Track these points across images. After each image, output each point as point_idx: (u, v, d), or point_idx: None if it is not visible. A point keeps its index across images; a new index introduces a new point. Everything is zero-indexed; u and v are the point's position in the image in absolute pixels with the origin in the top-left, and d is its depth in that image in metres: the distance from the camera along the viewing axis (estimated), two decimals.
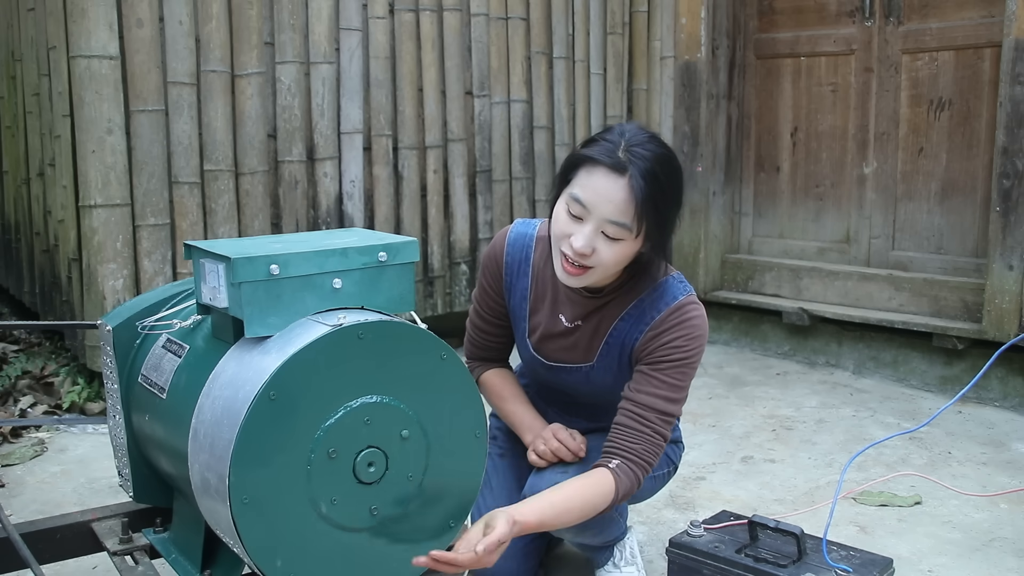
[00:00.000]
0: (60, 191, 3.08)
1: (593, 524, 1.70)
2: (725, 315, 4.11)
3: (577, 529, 1.72)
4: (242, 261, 1.34)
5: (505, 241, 1.85)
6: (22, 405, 3.11)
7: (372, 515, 1.38)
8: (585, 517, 1.62)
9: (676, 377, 1.69)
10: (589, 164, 1.59)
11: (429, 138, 3.57)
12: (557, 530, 1.73)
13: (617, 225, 1.57)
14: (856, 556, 1.82)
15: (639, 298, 1.72)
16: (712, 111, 4.03)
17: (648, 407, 1.67)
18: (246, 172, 3.13)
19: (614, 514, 1.79)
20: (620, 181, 1.55)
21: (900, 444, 2.83)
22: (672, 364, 1.68)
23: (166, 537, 1.67)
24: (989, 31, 3.33)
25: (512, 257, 1.84)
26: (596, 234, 1.58)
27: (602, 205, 1.56)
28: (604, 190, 1.56)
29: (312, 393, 1.31)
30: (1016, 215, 3.11)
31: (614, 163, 1.56)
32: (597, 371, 1.79)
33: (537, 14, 3.80)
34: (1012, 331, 3.11)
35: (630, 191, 1.55)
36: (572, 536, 1.82)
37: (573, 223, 1.60)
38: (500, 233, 1.88)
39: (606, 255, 1.60)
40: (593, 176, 1.57)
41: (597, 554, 1.97)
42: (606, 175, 1.56)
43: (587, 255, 1.59)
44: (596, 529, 1.79)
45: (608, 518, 1.76)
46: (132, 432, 1.65)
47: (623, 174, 1.55)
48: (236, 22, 3.06)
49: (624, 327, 1.73)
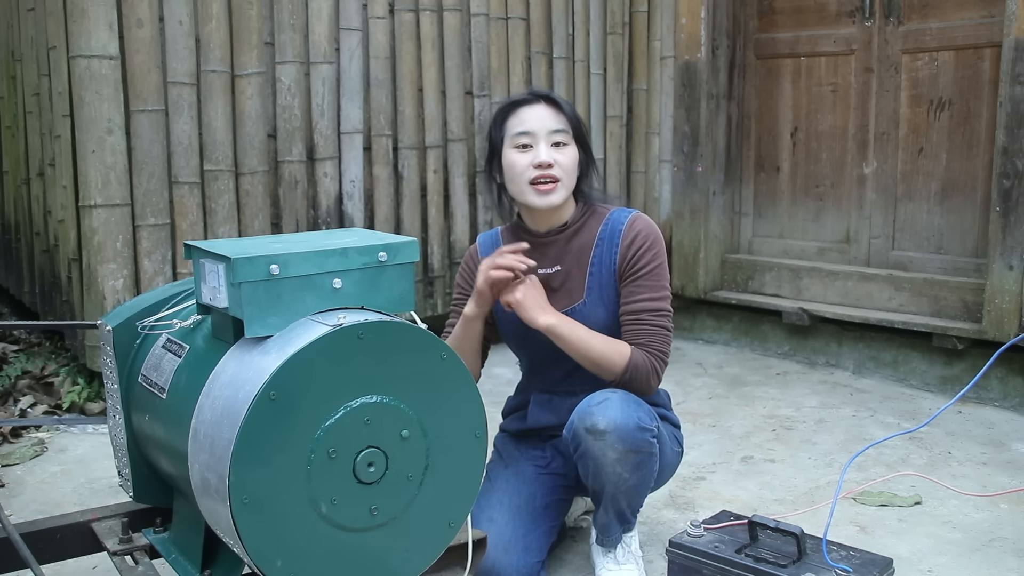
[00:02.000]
0: (60, 191, 3.08)
1: (637, 456, 1.82)
2: (725, 315, 4.11)
3: (620, 455, 1.81)
4: (242, 261, 1.34)
5: (476, 245, 2.13)
6: (22, 405, 3.11)
7: (372, 515, 1.38)
8: (594, 361, 1.89)
9: (652, 279, 1.95)
10: (511, 110, 1.97)
11: (429, 138, 3.57)
12: (597, 462, 1.82)
13: (558, 131, 1.93)
14: (856, 556, 1.82)
15: (603, 223, 2.00)
16: (712, 111, 4.03)
17: (640, 311, 1.94)
18: (246, 172, 3.13)
19: (654, 451, 1.86)
20: (539, 104, 1.96)
21: (900, 444, 2.83)
22: (646, 271, 1.95)
23: (166, 537, 1.67)
24: (989, 31, 3.33)
25: (486, 253, 2.05)
26: (549, 147, 1.92)
27: (541, 122, 1.93)
28: (535, 114, 1.94)
29: (312, 393, 1.31)
30: (1016, 215, 3.11)
31: (530, 97, 1.98)
32: (589, 306, 1.98)
33: (537, 14, 3.80)
34: (1012, 331, 3.11)
35: (553, 105, 1.96)
36: (612, 465, 1.83)
37: (527, 153, 1.93)
38: (470, 247, 2.15)
39: (563, 159, 1.93)
40: (521, 114, 1.95)
41: (601, 544, 1.99)
42: (530, 107, 1.96)
43: (551, 164, 1.91)
44: (637, 462, 1.83)
45: (649, 453, 1.85)
46: (132, 432, 1.65)
47: (539, 100, 1.97)
48: (236, 22, 3.06)
49: (600, 252, 1.98)
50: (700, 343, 4.14)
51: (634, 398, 1.86)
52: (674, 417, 2.12)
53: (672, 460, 2.05)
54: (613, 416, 1.79)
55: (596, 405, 1.82)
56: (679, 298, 3.99)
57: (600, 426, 1.79)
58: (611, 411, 1.80)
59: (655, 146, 4.19)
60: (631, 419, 1.80)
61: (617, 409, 1.80)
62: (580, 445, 1.84)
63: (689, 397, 3.36)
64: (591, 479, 1.89)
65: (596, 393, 1.87)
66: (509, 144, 1.95)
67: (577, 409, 1.86)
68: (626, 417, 1.80)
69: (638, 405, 1.84)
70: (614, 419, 1.79)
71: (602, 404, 1.82)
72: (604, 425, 1.79)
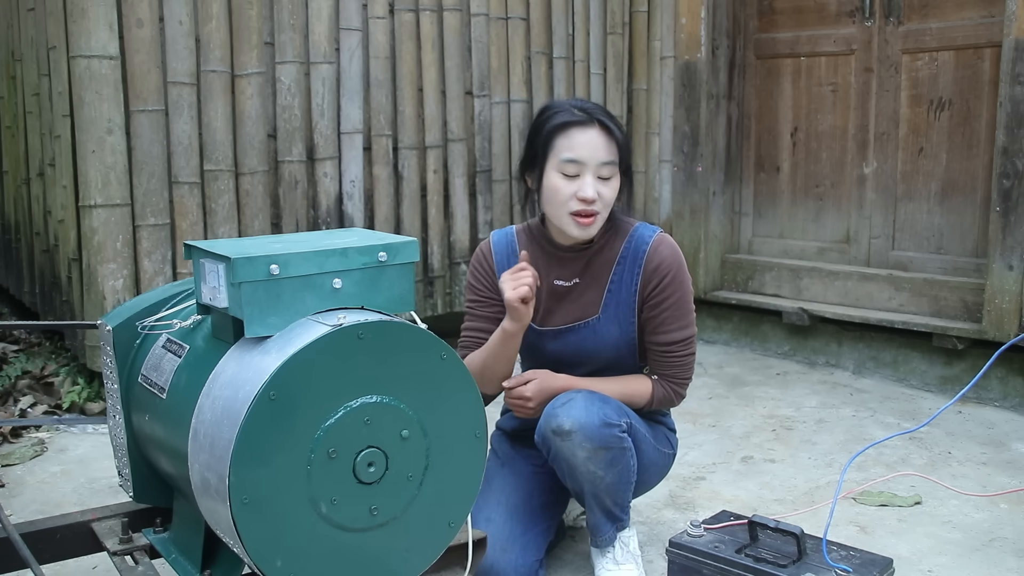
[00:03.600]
0: (60, 191, 3.08)
1: (608, 453, 1.81)
2: (725, 315, 4.11)
3: (589, 454, 1.80)
4: (242, 261, 1.34)
5: (490, 243, 2.06)
6: (22, 405, 3.11)
7: (372, 515, 1.38)
8: (619, 398, 1.89)
9: (679, 308, 1.93)
10: (562, 130, 1.84)
11: (429, 138, 3.57)
12: (569, 463, 1.82)
13: (609, 164, 1.84)
14: (856, 556, 1.82)
15: (626, 240, 1.95)
16: (712, 111, 4.03)
17: (670, 343, 1.94)
18: (246, 172, 3.13)
19: (626, 446, 1.84)
20: (593, 130, 1.84)
21: (900, 444, 2.83)
22: (673, 301, 1.92)
23: (166, 537, 1.67)
24: (989, 31, 3.33)
25: (500, 255, 2.03)
26: (595, 180, 1.83)
27: (593, 152, 1.83)
28: (588, 142, 1.83)
29: (312, 393, 1.31)
30: (1016, 215, 3.11)
31: (583, 118, 1.84)
32: (603, 322, 1.95)
33: (537, 14, 3.80)
34: (1012, 331, 3.11)
35: (606, 132, 1.84)
36: (583, 464, 1.82)
37: (572, 182, 1.84)
38: (481, 243, 2.07)
39: (607, 194, 1.86)
40: (572, 136, 1.83)
41: (597, 542, 1.98)
42: (582, 130, 1.83)
43: (595, 200, 1.83)
44: (608, 458, 1.82)
45: (621, 448, 1.83)
46: (132, 432, 1.65)
47: (593, 124, 1.84)
48: (236, 22, 3.06)
49: (621, 271, 1.94)
50: (700, 343, 4.13)
51: (600, 396, 1.85)
52: (669, 421, 2.13)
53: (660, 461, 2.04)
54: (577, 416, 1.79)
55: (561, 406, 1.82)
56: None
57: (565, 426, 1.79)
58: (575, 411, 1.80)
59: (655, 146, 4.19)
60: (595, 417, 1.79)
61: (581, 408, 1.80)
62: (550, 448, 1.84)
63: (689, 397, 3.33)
64: (568, 480, 1.89)
65: (562, 394, 1.86)
66: (554, 166, 1.85)
67: (544, 412, 1.86)
68: (589, 415, 1.79)
69: (604, 402, 1.83)
70: (578, 418, 1.79)
71: (566, 405, 1.82)
72: (569, 425, 1.79)
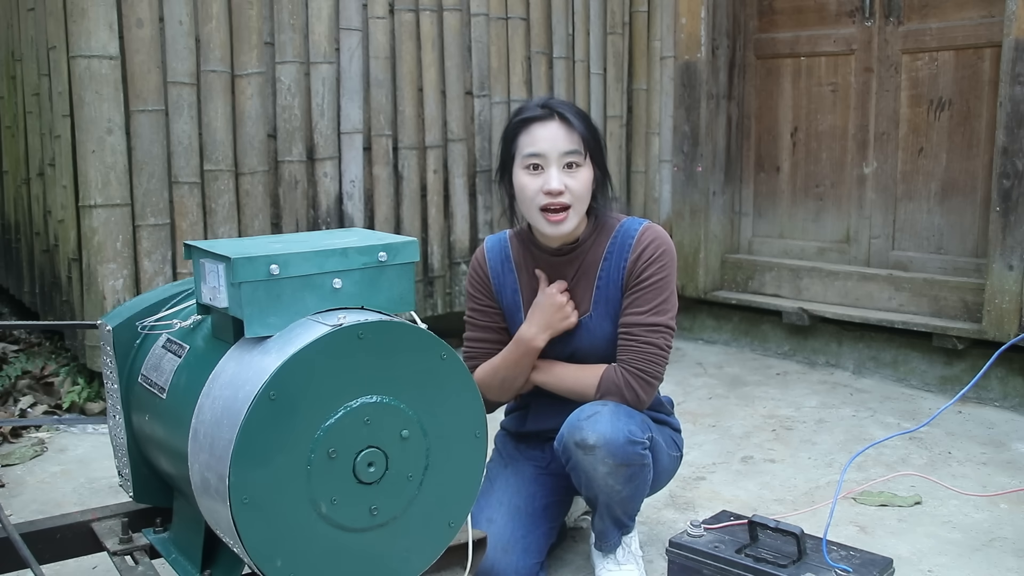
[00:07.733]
0: (60, 191, 3.08)
1: (629, 469, 1.80)
2: (725, 315, 4.11)
3: (611, 469, 1.79)
4: (242, 261, 1.34)
5: (484, 250, 2.06)
6: (22, 405, 3.11)
7: (372, 515, 1.38)
8: (569, 388, 1.92)
9: (654, 292, 1.89)
10: (523, 127, 1.87)
11: (429, 138, 3.57)
12: (588, 475, 1.81)
13: (572, 153, 1.84)
14: (856, 556, 1.82)
15: (612, 236, 1.94)
16: (712, 111, 4.03)
17: (634, 324, 1.89)
18: (246, 172, 3.13)
19: (646, 463, 1.84)
20: (554, 122, 1.85)
21: (900, 444, 2.83)
22: (648, 283, 1.89)
23: (166, 537, 1.67)
24: (989, 31, 3.33)
25: (494, 261, 2.03)
26: (560, 171, 1.84)
27: (553, 144, 1.84)
28: (548, 134, 1.84)
29: (312, 393, 1.31)
30: (1016, 215, 3.11)
31: (543, 113, 1.86)
32: (596, 320, 1.95)
33: (537, 14, 3.80)
34: (1012, 331, 3.11)
35: (566, 124, 1.85)
36: (603, 478, 1.82)
37: (537, 177, 1.85)
38: (476, 251, 2.08)
39: (575, 185, 1.85)
40: (533, 132, 1.86)
41: (601, 546, 1.98)
42: (542, 125, 1.85)
43: (562, 191, 1.83)
44: (628, 474, 1.82)
45: (641, 464, 1.83)
46: (132, 432, 1.65)
47: (553, 117, 1.86)
48: (236, 22, 3.06)
49: (608, 266, 1.93)
50: (700, 343, 4.13)
51: (625, 409, 1.83)
52: (674, 421, 2.11)
53: (669, 465, 2.04)
54: (602, 430, 1.76)
55: (586, 419, 1.79)
56: (679, 298, 3.98)
57: (589, 441, 1.76)
58: (600, 425, 1.77)
59: (655, 146, 4.19)
60: (621, 433, 1.77)
61: (607, 423, 1.77)
62: (571, 459, 1.82)
63: (689, 397, 3.36)
64: (584, 489, 1.88)
65: (587, 405, 1.84)
66: (520, 164, 1.87)
67: (567, 422, 1.83)
68: (616, 431, 1.76)
69: (629, 417, 1.81)
70: (604, 433, 1.76)
71: (592, 418, 1.79)
72: (593, 440, 1.76)
